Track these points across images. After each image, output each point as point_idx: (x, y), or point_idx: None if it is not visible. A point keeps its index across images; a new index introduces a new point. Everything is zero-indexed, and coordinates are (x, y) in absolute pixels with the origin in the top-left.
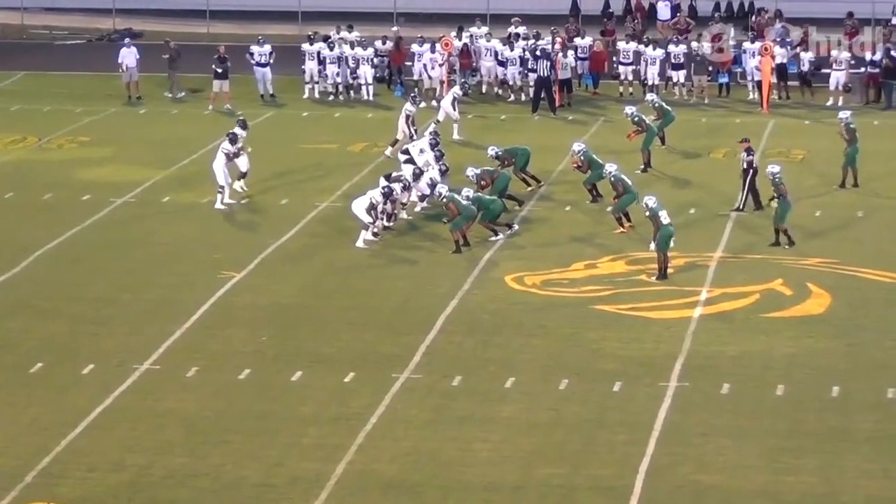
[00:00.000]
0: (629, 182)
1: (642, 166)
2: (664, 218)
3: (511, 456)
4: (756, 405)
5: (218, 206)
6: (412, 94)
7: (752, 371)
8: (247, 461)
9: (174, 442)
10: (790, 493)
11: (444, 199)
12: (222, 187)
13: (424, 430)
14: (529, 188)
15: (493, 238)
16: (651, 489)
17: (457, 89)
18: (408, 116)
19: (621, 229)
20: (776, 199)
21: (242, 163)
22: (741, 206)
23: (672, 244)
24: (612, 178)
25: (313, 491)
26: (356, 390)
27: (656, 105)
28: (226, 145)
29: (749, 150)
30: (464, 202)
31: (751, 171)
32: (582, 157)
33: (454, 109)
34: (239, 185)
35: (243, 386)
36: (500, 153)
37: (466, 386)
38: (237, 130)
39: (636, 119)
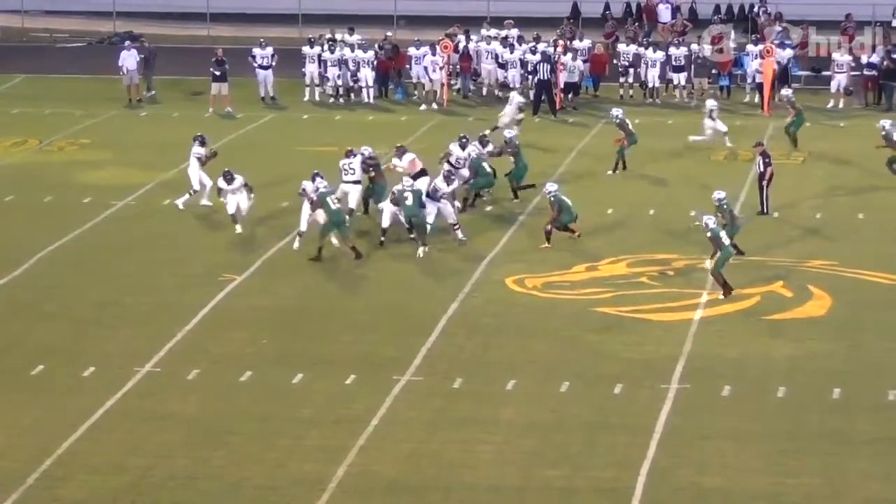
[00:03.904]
0: (568, 202)
1: (619, 169)
2: (725, 239)
3: (512, 458)
4: (757, 407)
5: (179, 203)
6: (461, 136)
7: (753, 373)
8: (248, 463)
9: (175, 444)
10: (791, 496)
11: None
12: (195, 190)
13: (425, 431)
14: (515, 200)
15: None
16: (652, 491)
17: (520, 98)
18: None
19: (546, 244)
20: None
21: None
22: (765, 210)
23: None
24: (551, 199)
25: (315, 493)
26: (357, 392)
27: (616, 122)
28: (196, 149)
29: (764, 154)
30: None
31: (770, 174)
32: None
33: (516, 115)
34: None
35: (244, 388)
36: (511, 139)
37: (467, 388)
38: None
39: (617, 121)
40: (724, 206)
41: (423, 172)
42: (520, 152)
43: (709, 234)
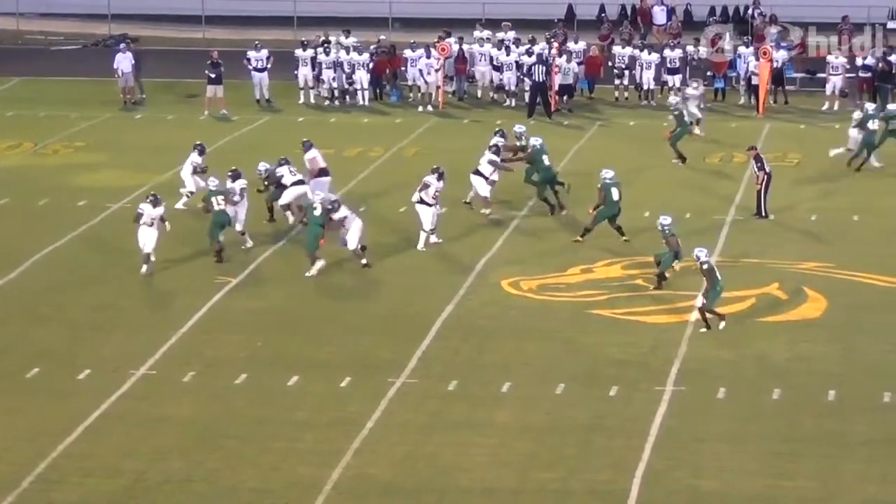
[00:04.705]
0: (614, 196)
1: (677, 160)
2: (718, 274)
3: (508, 460)
4: (752, 409)
5: (178, 206)
6: (435, 168)
7: (749, 375)
8: (243, 466)
9: (171, 447)
10: (787, 498)
11: None
12: (192, 192)
13: (420, 434)
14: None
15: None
16: (647, 494)
17: (691, 90)
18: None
19: (579, 239)
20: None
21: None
22: (763, 213)
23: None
24: (599, 185)
25: (310, 496)
26: (352, 395)
27: (676, 112)
28: (195, 157)
29: (757, 157)
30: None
31: (765, 177)
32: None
33: (698, 110)
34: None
35: (240, 391)
36: (525, 138)
37: (463, 390)
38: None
39: (677, 112)
40: (667, 232)
41: (324, 172)
42: (540, 160)
43: (704, 267)
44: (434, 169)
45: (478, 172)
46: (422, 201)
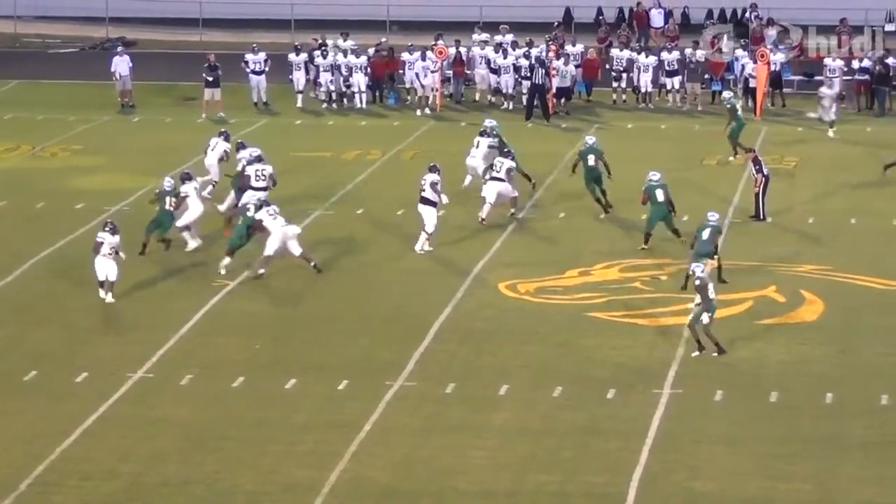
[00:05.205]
0: (659, 198)
1: (736, 155)
2: (712, 292)
3: (505, 463)
4: (749, 412)
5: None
6: (432, 165)
7: (746, 378)
8: (241, 469)
9: (168, 450)
10: (784, 500)
11: None
12: (215, 182)
13: (418, 437)
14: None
15: None
16: (644, 496)
17: (825, 90)
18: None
19: (644, 247)
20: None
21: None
22: (761, 216)
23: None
24: (643, 186)
25: (307, 498)
26: (350, 398)
27: (729, 106)
28: (223, 144)
29: (755, 160)
30: None
31: (763, 180)
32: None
33: (832, 111)
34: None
35: (237, 393)
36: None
37: (460, 393)
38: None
39: (729, 106)
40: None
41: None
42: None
43: (697, 283)
44: (433, 167)
45: (496, 179)
46: (430, 202)
